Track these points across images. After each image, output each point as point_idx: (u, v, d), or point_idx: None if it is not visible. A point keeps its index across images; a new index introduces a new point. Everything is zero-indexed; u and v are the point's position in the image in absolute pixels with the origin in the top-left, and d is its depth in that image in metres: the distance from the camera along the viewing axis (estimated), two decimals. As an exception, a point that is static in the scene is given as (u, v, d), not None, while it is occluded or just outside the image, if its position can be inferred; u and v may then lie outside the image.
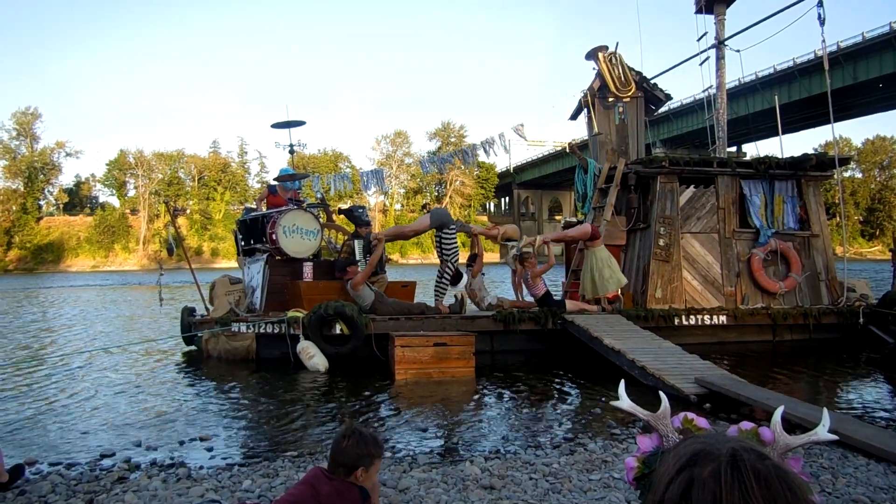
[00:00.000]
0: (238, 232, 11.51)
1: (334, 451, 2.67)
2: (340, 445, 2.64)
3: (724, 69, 12.49)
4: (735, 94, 34.28)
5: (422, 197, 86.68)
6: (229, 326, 9.46)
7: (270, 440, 5.54)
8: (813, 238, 11.04)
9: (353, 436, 2.64)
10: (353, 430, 2.68)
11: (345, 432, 2.68)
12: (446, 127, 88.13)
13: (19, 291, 32.13)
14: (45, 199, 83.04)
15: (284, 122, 12.12)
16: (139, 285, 36.35)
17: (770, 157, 11.39)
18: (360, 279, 9.39)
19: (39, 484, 4.17)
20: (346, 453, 2.61)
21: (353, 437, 2.63)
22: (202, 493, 3.98)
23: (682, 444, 0.95)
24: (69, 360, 9.86)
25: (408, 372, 8.10)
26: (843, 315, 10.49)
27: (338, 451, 2.64)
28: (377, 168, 22.17)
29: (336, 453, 2.65)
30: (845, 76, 42.19)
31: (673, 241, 10.57)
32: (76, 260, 76.55)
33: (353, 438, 2.62)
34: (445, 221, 9.99)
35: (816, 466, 4.32)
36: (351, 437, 2.63)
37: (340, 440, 2.66)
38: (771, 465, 0.86)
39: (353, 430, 2.68)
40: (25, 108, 79.56)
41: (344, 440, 2.64)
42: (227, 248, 71.59)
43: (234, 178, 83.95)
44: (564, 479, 4.11)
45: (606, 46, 12.28)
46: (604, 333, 8.44)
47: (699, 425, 1.47)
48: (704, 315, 10.18)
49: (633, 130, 12.28)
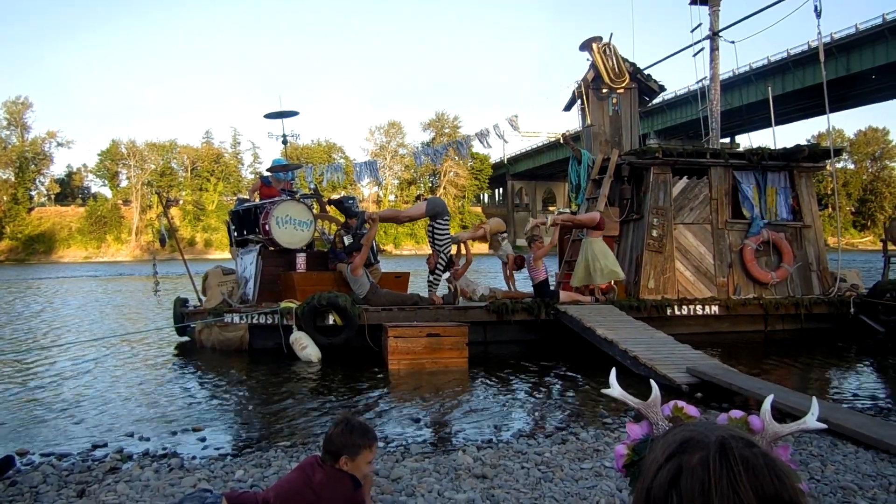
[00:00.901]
0: (231, 223, 11.47)
1: (325, 438, 2.75)
2: (330, 433, 2.72)
3: (718, 60, 12.49)
4: (729, 85, 34.25)
5: (416, 188, 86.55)
6: (222, 317, 9.43)
7: (263, 430, 5.54)
8: (805, 229, 11.09)
9: (340, 424, 2.71)
10: (343, 419, 2.76)
11: (336, 421, 2.75)
12: (440, 118, 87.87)
13: (11, 282, 31.95)
14: (36, 189, 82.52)
15: (277, 112, 12.06)
16: (131, 276, 36.21)
17: (763, 148, 11.42)
18: (359, 262, 9.38)
19: (31, 475, 4.16)
20: (333, 441, 2.69)
21: (340, 426, 2.71)
22: (194, 483, 3.97)
23: (672, 432, 0.95)
24: (61, 350, 9.81)
25: (401, 362, 8.11)
26: (834, 305, 10.56)
27: (327, 438, 2.72)
28: (371, 159, 22.08)
29: (325, 441, 2.73)
30: (839, 67, 42.26)
31: (666, 231, 10.60)
32: (68, 251, 76.15)
33: (341, 427, 2.70)
34: (440, 211, 9.98)
35: (806, 454, 4.36)
36: (339, 425, 2.71)
37: (331, 428, 2.74)
38: (759, 452, 0.87)
39: (343, 419, 2.76)
40: (16, 97, 78.97)
41: (334, 428, 2.71)
42: (220, 239, 71.33)
43: (227, 168, 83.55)
44: (556, 468, 4.13)
45: (601, 37, 12.24)
46: (596, 324, 8.47)
47: (689, 413, 1.47)
48: (697, 305, 10.22)
49: (627, 121, 12.27)
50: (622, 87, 12.13)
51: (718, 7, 12.42)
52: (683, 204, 10.81)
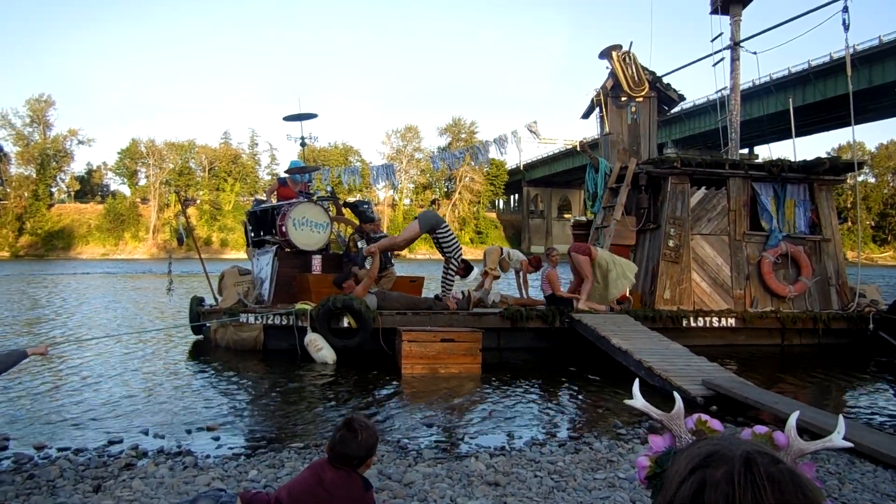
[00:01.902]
0: (248, 223, 11.56)
1: (342, 446, 2.65)
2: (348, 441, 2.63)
3: (738, 71, 12.41)
4: (748, 96, 34.06)
5: (431, 192, 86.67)
6: (237, 317, 9.50)
7: (277, 431, 5.56)
8: (824, 242, 10.98)
9: (360, 431, 2.62)
10: (359, 426, 2.65)
11: (351, 427, 2.66)
12: (457, 123, 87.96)
13: (29, 277, 32.37)
14: (56, 186, 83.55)
15: (296, 114, 12.14)
16: (148, 274, 36.56)
17: (783, 159, 11.32)
18: (361, 292, 9.22)
19: (48, 468, 4.21)
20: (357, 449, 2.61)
21: (361, 434, 2.62)
22: (208, 481, 4.00)
23: (695, 445, 0.95)
24: (77, 347, 9.92)
25: (414, 367, 8.12)
26: (853, 320, 10.43)
27: (347, 447, 2.63)
28: (388, 163, 22.10)
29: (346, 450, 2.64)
30: (861, 79, 41.79)
31: (683, 242, 10.54)
32: (86, 247, 77.00)
33: (363, 434, 2.62)
34: (435, 224, 9.87)
35: (823, 472, 4.31)
36: (357, 432, 2.62)
37: (346, 435, 2.64)
38: (785, 469, 0.86)
39: (359, 426, 2.66)
40: (39, 95, 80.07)
41: (351, 435, 2.62)
42: (236, 239, 71.86)
43: (244, 169, 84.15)
44: (569, 478, 4.11)
45: (620, 45, 12.22)
46: (611, 333, 8.43)
47: (713, 427, 1.46)
48: (713, 317, 10.15)
49: (645, 130, 12.23)
50: (641, 95, 12.10)
51: (740, 17, 12.34)
52: (701, 214, 10.75)
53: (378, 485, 3.86)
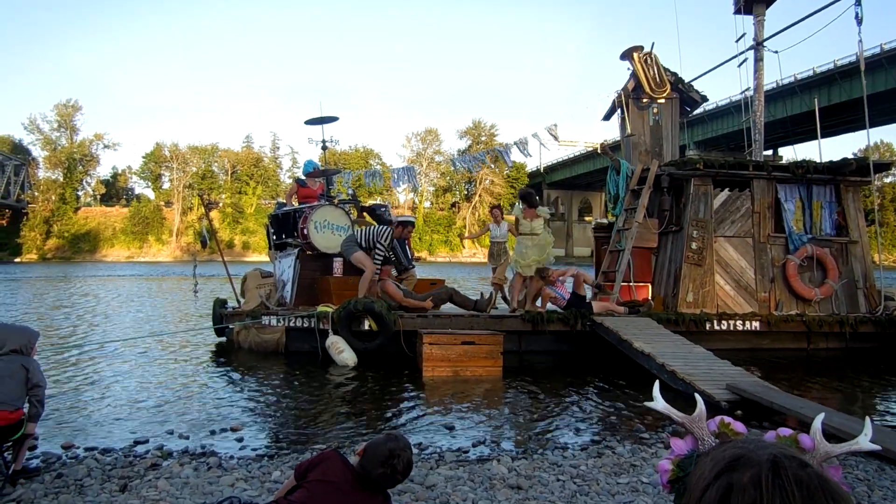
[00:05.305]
0: (270, 226, 11.66)
1: (391, 470, 2.49)
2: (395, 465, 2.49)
3: (762, 71, 12.26)
4: (772, 97, 33.61)
5: (451, 195, 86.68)
6: (260, 319, 9.58)
7: (299, 433, 5.60)
8: (851, 245, 10.79)
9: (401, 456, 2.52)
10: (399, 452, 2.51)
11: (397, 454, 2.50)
12: (477, 125, 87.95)
13: (56, 280, 32.93)
14: (83, 189, 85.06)
15: (317, 118, 12.23)
16: (171, 276, 37.00)
17: (808, 161, 11.15)
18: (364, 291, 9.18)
19: (76, 468, 4.29)
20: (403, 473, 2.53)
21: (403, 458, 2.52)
22: (232, 482, 4.04)
23: (720, 449, 0.94)
24: (104, 348, 10.08)
25: (435, 369, 8.13)
26: (880, 324, 10.22)
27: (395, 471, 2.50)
28: (409, 165, 22.16)
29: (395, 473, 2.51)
30: (888, 79, 41.04)
31: (706, 244, 10.42)
32: (111, 250, 78.25)
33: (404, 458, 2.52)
34: (347, 248, 9.60)
35: (852, 478, 4.24)
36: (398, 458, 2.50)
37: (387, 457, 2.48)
38: (813, 473, 0.85)
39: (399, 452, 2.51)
40: (67, 100, 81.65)
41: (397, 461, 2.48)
42: (258, 242, 72.50)
43: (266, 172, 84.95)
44: (592, 482, 4.08)
45: (642, 46, 12.13)
46: (634, 337, 8.36)
47: (736, 430, 1.45)
48: (737, 321, 10.01)
49: (668, 132, 12.12)
50: (663, 96, 11.99)
51: (763, 16, 12.19)
52: (724, 217, 10.62)
53: (400, 487, 3.87)
